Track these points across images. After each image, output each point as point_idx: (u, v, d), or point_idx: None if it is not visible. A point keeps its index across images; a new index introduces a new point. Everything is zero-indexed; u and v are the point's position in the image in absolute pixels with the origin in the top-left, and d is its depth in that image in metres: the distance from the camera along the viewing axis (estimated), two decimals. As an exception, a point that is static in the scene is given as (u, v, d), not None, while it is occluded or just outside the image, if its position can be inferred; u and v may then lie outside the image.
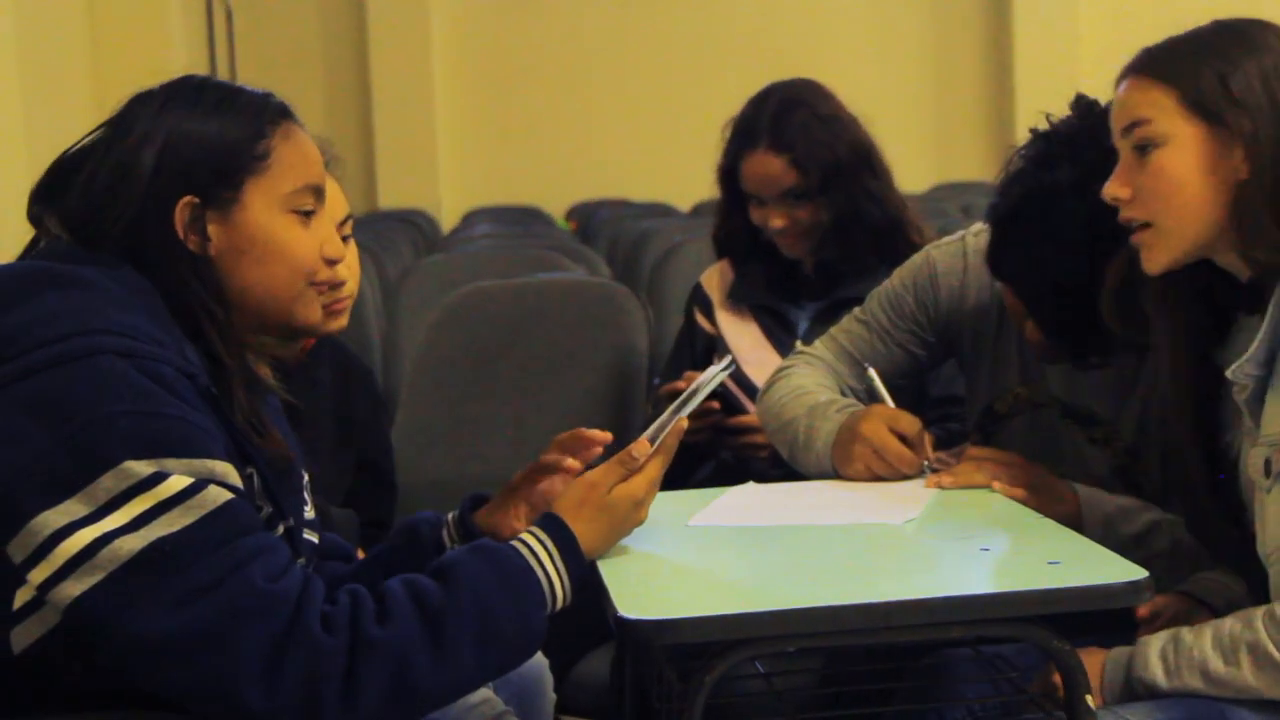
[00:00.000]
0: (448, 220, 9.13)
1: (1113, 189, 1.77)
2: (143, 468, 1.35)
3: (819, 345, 2.33)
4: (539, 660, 2.30)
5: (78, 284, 1.44)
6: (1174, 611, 1.89)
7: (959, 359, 2.33)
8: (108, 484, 1.34)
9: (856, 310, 2.34)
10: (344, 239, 2.14)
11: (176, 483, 1.36)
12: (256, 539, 1.40)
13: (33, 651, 1.40)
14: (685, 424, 1.69)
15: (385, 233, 6.76)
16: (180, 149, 1.50)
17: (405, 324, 4.10)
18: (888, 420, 2.06)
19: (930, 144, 9.73)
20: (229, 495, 1.39)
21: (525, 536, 1.56)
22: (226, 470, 1.41)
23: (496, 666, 1.48)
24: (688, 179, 9.28)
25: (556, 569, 1.54)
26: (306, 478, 1.69)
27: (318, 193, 1.58)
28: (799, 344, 2.49)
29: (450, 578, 1.46)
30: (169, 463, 1.36)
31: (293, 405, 1.72)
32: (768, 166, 2.67)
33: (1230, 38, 1.75)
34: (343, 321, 2.17)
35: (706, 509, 1.92)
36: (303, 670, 1.35)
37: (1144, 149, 1.74)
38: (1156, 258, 1.76)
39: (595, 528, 1.61)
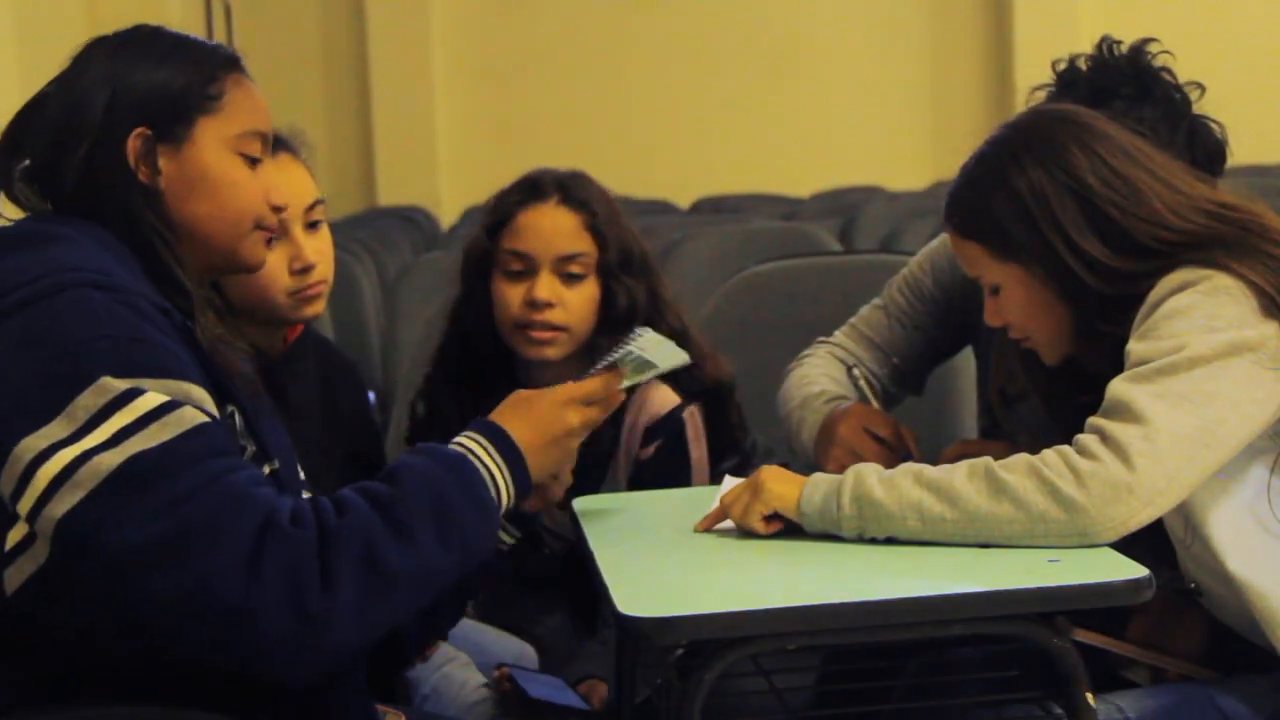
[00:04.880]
0: (447, 217, 9.12)
1: (989, 320, 1.93)
2: (119, 384, 1.37)
3: (839, 334, 2.35)
4: (534, 661, 2.30)
5: (46, 239, 1.47)
6: (1163, 605, 1.90)
7: (974, 343, 2.34)
8: (86, 402, 1.36)
9: (876, 298, 2.35)
10: (313, 224, 2.11)
11: (153, 399, 1.37)
12: (232, 459, 1.42)
13: (26, 590, 1.39)
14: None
15: (384, 230, 6.76)
16: (134, 86, 1.54)
17: (404, 321, 4.10)
18: (863, 421, 2.08)
19: (929, 142, 9.73)
20: (205, 419, 1.40)
21: (459, 438, 1.60)
22: (203, 396, 1.43)
23: (459, 543, 1.48)
24: (687, 176, 9.33)
25: (490, 456, 1.57)
26: (303, 475, 1.69)
27: (265, 141, 1.63)
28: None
29: (394, 475, 1.50)
30: (145, 382, 1.38)
31: (278, 399, 1.72)
32: (557, 220, 2.26)
33: (1005, 160, 1.85)
34: (318, 308, 2.13)
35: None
36: (281, 562, 1.35)
37: (994, 291, 1.89)
38: (1049, 358, 1.92)
39: (520, 422, 1.63)
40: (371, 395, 2.74)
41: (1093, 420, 1.68)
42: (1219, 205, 1.82)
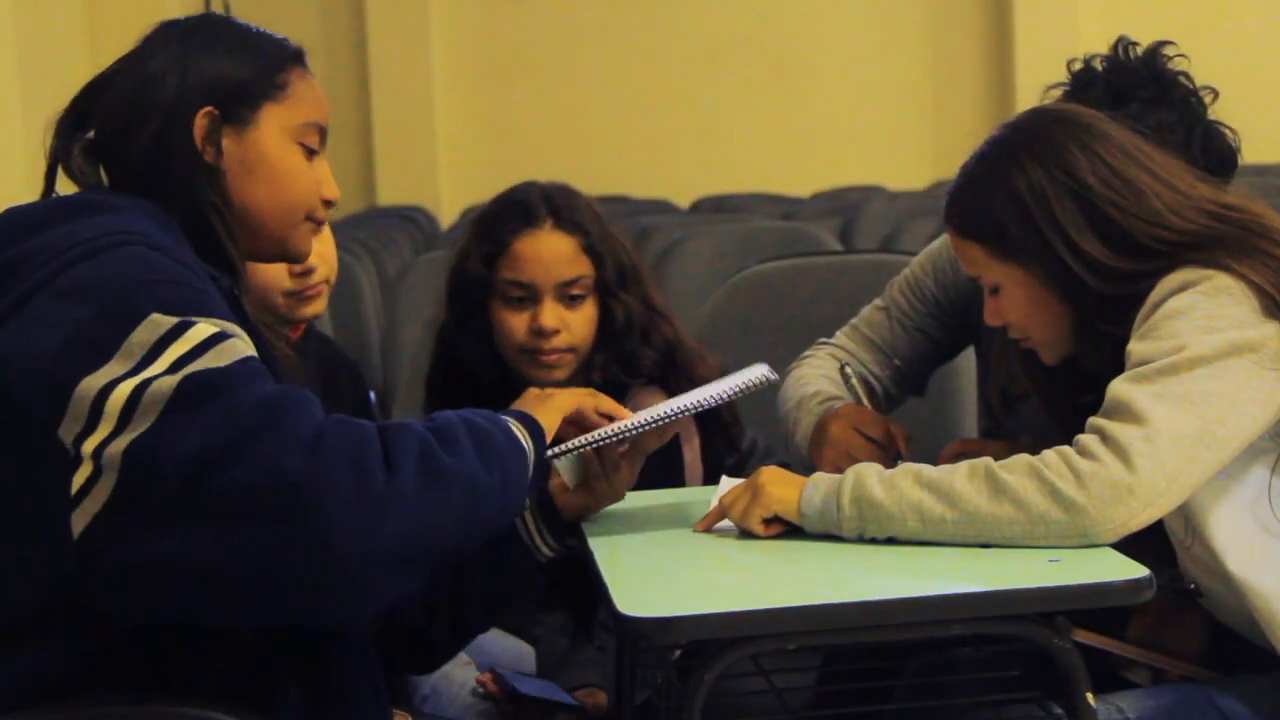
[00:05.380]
0: (446, 217, 9.13)
1: (989, 320, 1.93)
2: (169, 319, 1.39)
3: (840, 335, 2.35)
4: (533, 662, 2.30)
5: (107, 209, 1.51)
6: (1164, 606, 1.90)
7: (976, 343, 2.34)
8: (140, 338, 1.38)
9: (878, 299, 2.34)
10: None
11: (205, 329, 1.40)
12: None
13: (93, 531, 1.37)
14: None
15: (384, 230, 6.77)
16: (205, 69, 1.59)
17: (404, 321, 4.10)
18: (854, 421, 2.08)
19: (929, 141, 9.73)
20: (253, 352, 1.43)
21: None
22: (248, 342, 1.46)
23: (500, 468, 1.50)
24: (687, 175, 9.33)
25: (509, 418, 1.61)
26: None
27: (323, 135, 1.68)
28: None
29: (432, 417, 1.54)
30: (194, 318, 1.41)
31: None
32: (555, 246, 2.25)
33: (1005, 160, 1.85)
34: (318, 307, 2.15)
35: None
36: (344, 444, 1.37)
37: (993, 290, 1.89)
38: (1049, 358, 1.92)
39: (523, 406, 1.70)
40: (372, 395, 2.74)
41: (1093, 421, 1.68)
42: (1220, 205, 1.81)
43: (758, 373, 1.82)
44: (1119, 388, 1.69)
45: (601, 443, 1.75)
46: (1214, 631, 1.89)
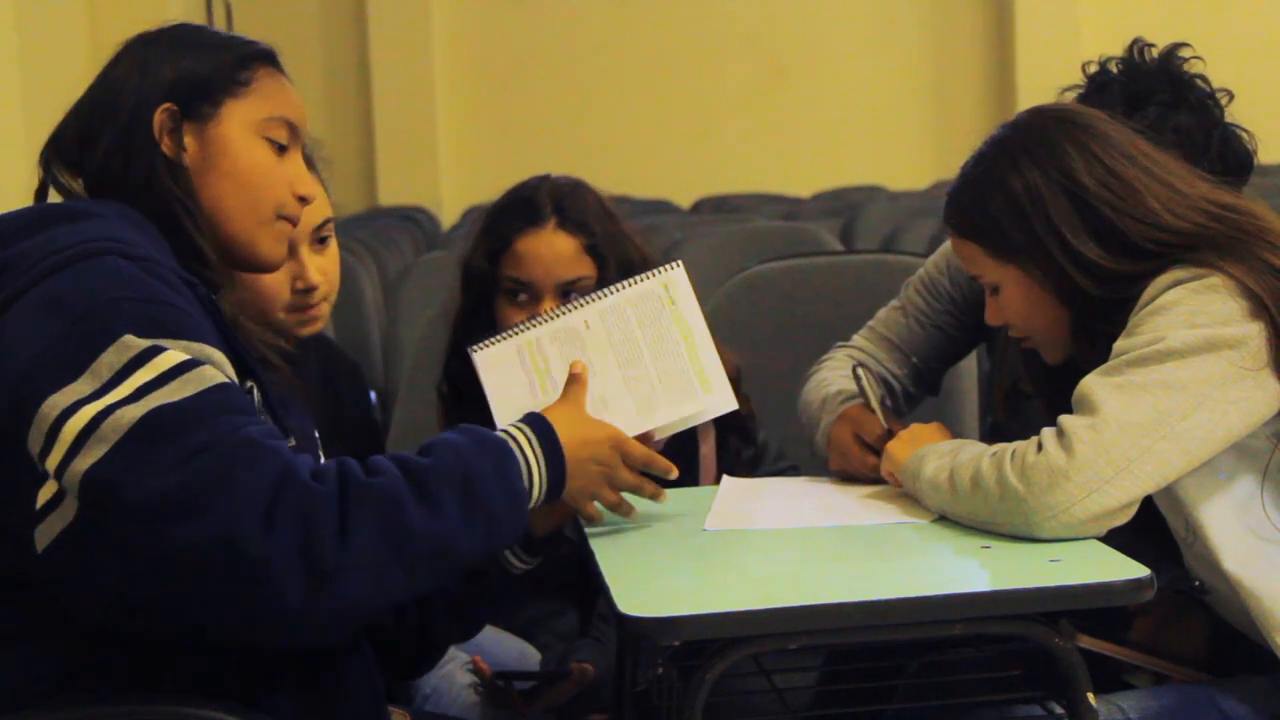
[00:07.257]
0: (448, 217, 9.13)
1: (990, 320, 1.94)
2: (141, 342, 1.39)
3: (858, 337, 2.35)
4: (535, 663, 2.30)
5: (87, 216, 1.51)
6: (1166, 608, 1.89)
7: (987, 340, 2.34)
8: (109, 359, 1.38)
9: (894, 300, 2.34)
10: (322, 240, 2.12)
11: (174, 356, 1.39)
12: (249, 417, 1.43)
13: (56, 549, 1.39)
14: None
15: (385, 230, 6.77)
16: (165, 69, 1.60)
17: (405, 321, 4.10)
18: (854, 425, 2.08)
19: (930, 141, 9.73)
20: (224, 379, 1.43)
21: (508, 427, 1.63)
22: (222, 360, 1.45)
23: (485, 523, 1.49)
24: (687, 176, 9.33)
25: (531, 447, 1.60)
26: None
27: (293, 130, 1.66)
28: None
29: (431, 448, 1.52)
30: (166, 342, 1.40)
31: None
32: (556, 246, 2.25)
33: (1002, 161, 1.86)
34: (317, 328, 2.14)
35: (718, 514, 1.90)
36: (296, 513, 1.36)
37: (993, 290, 1.91)
38: (1051, 358, 1.93)
39: (569, 427, 1.66)
40: (372, 395, 2.74)
41: (1061, 416, 1.70)
42: (1218, 206, 1.81)
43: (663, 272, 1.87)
44: (1084, 382, 1.72)
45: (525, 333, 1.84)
46: (1215, 634, 1.89)
